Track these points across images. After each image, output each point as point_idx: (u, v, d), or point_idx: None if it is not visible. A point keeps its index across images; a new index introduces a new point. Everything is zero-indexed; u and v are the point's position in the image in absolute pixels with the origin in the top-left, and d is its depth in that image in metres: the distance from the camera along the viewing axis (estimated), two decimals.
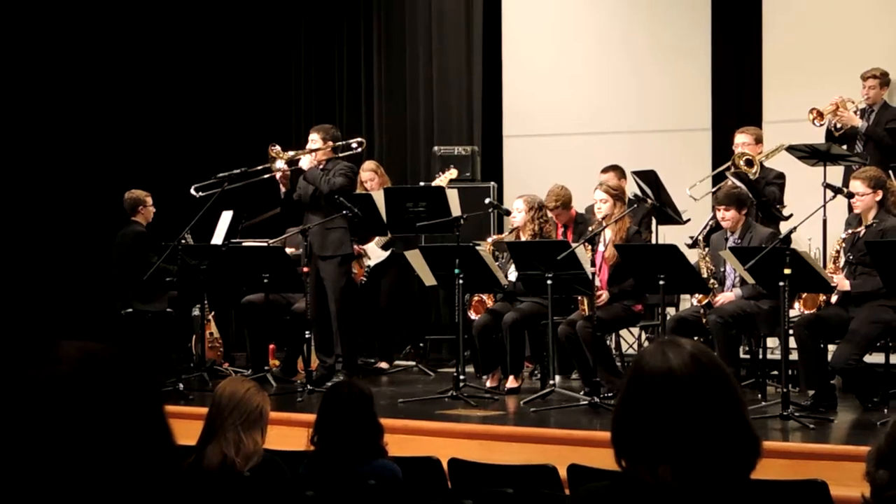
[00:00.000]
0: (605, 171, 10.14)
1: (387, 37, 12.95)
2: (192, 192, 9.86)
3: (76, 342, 1.46)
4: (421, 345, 11.63)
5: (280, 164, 9.63)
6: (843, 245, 8.35)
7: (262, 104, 13.20)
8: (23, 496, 1.34)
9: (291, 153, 9.76)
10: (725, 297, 8.54)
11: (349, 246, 9.74)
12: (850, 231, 8.35)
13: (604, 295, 8.84)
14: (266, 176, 9.82)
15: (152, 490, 1.40)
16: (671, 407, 2.20)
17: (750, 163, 9.19)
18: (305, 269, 9.53)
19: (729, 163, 9.40)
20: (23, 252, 12.32)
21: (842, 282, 8.16)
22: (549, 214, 9.61)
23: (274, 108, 13.22)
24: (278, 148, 9.69)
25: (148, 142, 12.80)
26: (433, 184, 10.46)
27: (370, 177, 10.60)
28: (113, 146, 12.69)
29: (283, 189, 9.76)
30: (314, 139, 9.75)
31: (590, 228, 9.14)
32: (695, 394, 2.21)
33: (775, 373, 9.06)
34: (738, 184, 9.06)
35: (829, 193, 8.56)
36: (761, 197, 9.16)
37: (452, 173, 10.67)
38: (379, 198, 9.65)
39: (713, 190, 9.51)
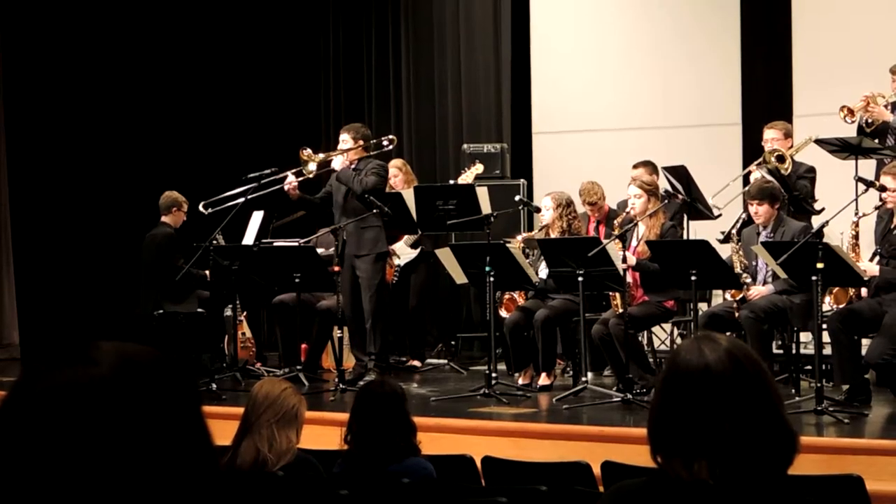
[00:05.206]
0: (636, 166, 10.12)
1: (415, 35, 12.94)
2: (201, 209, 9.99)
3: (113, 343, 1.44)
4: (452, 343, 11.61)
5: (313, 166, 9.62)
6: (857, 229, 8.36)
7: (290, 104, 13.21)
8: (60, 498, 1.35)
9: (323, 155, 9.77)
10: (759, 290, 8.49)
11: (384, 244, 9.78)
12: (862, 214, 8.33)
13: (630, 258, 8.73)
14: (300, 179, 9.78)
15: (191, 492, 1.40)
16: (707, 403, 2.20)
17: (781, 158, 9.12)
18: (336, 269, 9.54)
19: (760, 159, 9.35)
20: (55, 253, 12.40)
21: (870, 267, 8.12)
22: (584, 209, 9.63)
23: (303, 107, 13.23)
24: (309, 151, 9.68)
25: (175, 144, 12.83)
26: (459, 180, 10.46)
27: (395, 173, 10.61)
28: (141, 148, 12.73)
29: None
30: (345, 139, 9.77)
31: (615, 222, 9.09)
32: (731, 390, 2.21)
33: (809, 368, 9.01)
34: (770, 178, 9.01)
35: (861, 187, 8.52)
36: (793, 191, 9.10)
37: (478, 168, 10.67)
38: (409, 196, 9.64)
39: (743, 190, 9.45)
